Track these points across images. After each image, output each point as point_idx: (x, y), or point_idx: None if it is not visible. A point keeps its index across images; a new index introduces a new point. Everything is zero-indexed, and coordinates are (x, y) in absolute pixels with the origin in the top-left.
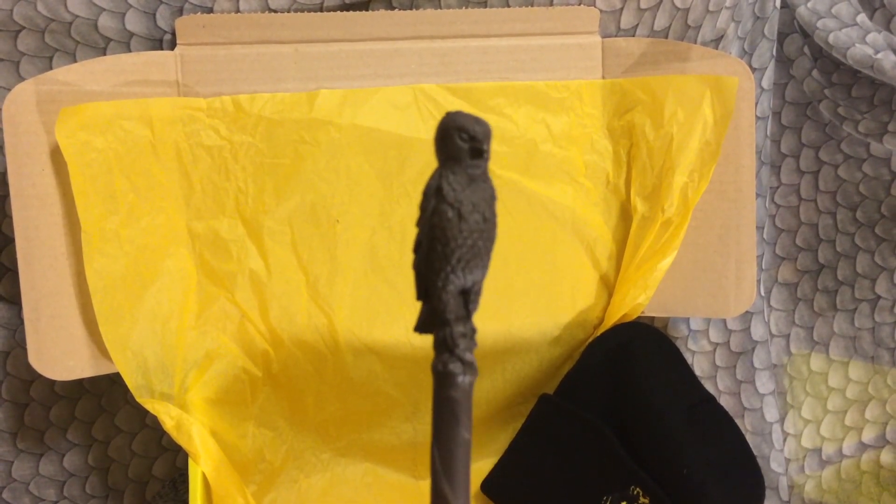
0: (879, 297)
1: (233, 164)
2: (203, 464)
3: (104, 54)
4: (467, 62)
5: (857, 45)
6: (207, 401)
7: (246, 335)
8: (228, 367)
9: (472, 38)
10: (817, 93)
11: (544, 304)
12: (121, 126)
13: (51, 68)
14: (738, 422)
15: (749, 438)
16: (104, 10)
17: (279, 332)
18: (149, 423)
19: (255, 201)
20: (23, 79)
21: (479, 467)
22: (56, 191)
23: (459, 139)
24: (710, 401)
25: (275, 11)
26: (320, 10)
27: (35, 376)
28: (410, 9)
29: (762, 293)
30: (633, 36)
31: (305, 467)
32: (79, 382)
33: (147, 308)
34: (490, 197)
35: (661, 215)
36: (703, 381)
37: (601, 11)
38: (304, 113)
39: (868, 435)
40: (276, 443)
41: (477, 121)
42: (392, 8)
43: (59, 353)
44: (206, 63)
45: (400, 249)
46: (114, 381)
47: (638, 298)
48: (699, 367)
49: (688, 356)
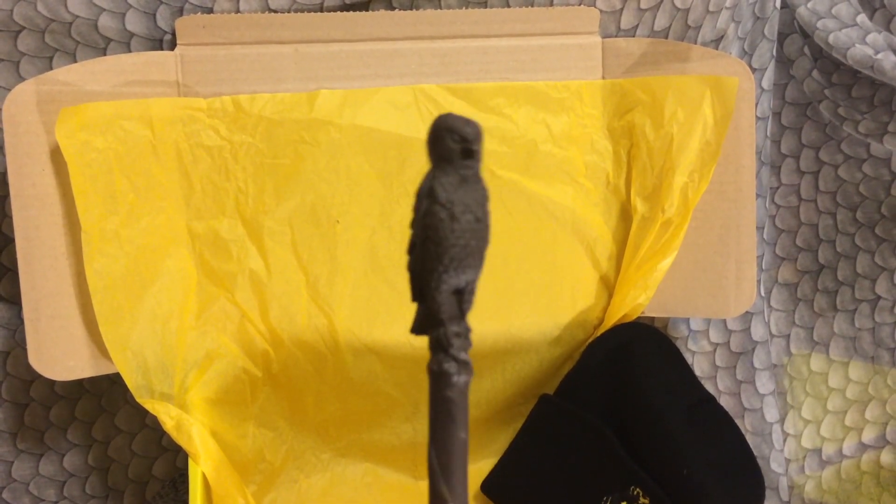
0: (879, 298)
1: (233, 164)
2: (203, 464)
3: (104, 54)
4: (467, 62)
5: (858, 45)
6: (207, 401)
7: (246, 335)
8: (228, 367)
9: (472, 38)
10: (817, 93)
11: (544, 304)
12: (121, 126)
13: (51, 68)
14: (738, 422)
15: (749, 439)
16: (104, 10)
17: (279, 333)
18: (149, 423)
19: (256, 201)
20: (23, 79)
21: (480, 467)
22: (56, 191)
23: (451, 140)
24: (710, 401)
25: (275, 12)
26: (320, 10)
27: (35, 376)
28: (410, 9)
29: (762, 293)
30: (634, 36)
31: (305, 467)
32: (79, 382)
33: (147, 308)
34: (482, 197)
35: (661, 215)
36: (703, 382)
37: (601, 12)
38: (305, 113)
39: (868, 435)
40: (276, 443)
41: (468, 122)
42: (392, 8)
43: (59, 354)
44: (206, 63)
45: (400, 249)
46: (114, 381)
47: (638, 299)
48: (699, 367)
49: (688, 356)
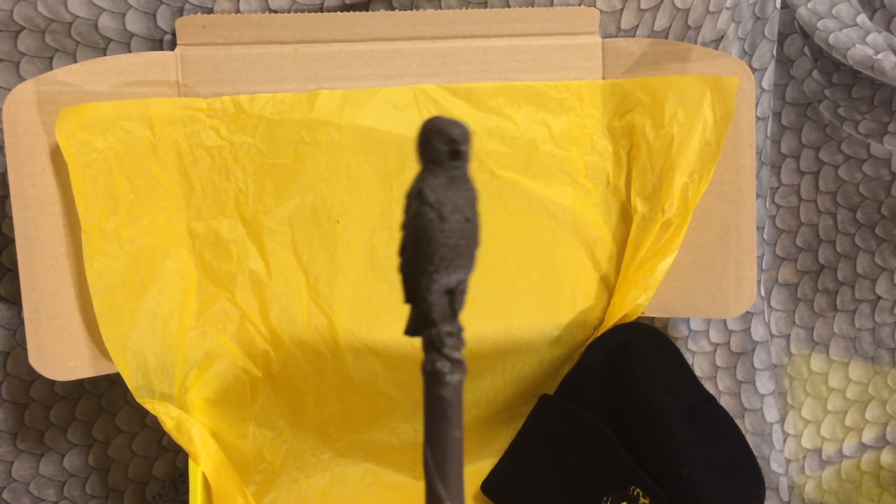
0: (880, 298)
1: (233, 164)
2: (203, 464)
3: (104, 55)
4: (467, 62)
5: (858, 45)
6: (207, 401)
7: (246, 335)
8: (228, 367)
9: (472, 38)
10: (817, 93)
11: (544, 304)
12: (121, 126)
13: (51, 69)
14: (738, 422)
15: (749, 439)
16: (104, 10)
17: (279, 333)
18: (149, 423)
19: (256, 201)
20: (23, 79)
21: (480, 467)
22: (56, 191)
23: (439, 142)
24: (710, 401)
25: (275, 12)
26: (320, 10)
27: (35, 376)
28: (411, 9)
29: (762, 294)
30: (634, 36)
31: (305, 467)
32: (79, 383)
33: (147, 308)
34: (471, 198)
35: (661, 216)
36: (703, 382)
37: (601, 12)
38: (305, 113)
39: (868, 435)
40: (276, 443)
41: (455, 124)
42: (392, 8)
43: (59, 354)
44: (206, 63)
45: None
46: (114, 381)
47: (638, 299)
48: (699, 367)
49: (688, 356)
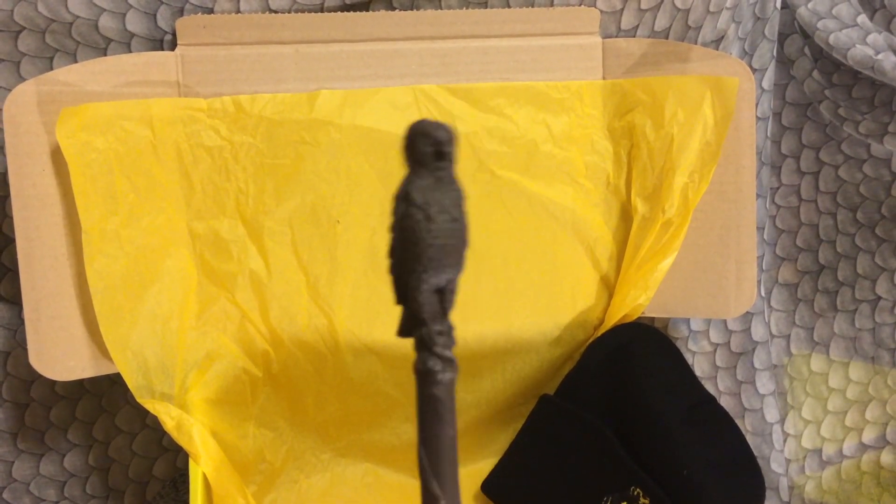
0: (880, 298)
1: (233, 164)
2: (203, 464)
3: (105, 55)
4: (468, 63)
5: (858, 45)
6: (208, 401)
7: (246, 335)
8: (229, 367)
9: (472, 38)
10: (818, 93)
11: (545, 304)
12: (121, 126)
13: (51, 69)
14: (738, 422)
15: (749, 439)
16: (105, 10)
17: (279, 333)
18: (149, 423)
19: (256, 202)
20: (23, 79)
21: (480, 468)
22: (56, 191)
23: (423, 144)
24: (710, 401)
25: (275, 12)
26: (321, 10)
27: (35, 376)
28: (411, 9)
29: (762, 294)
30: (634, 36)
31: (306, 468)
32: (79, 383)
33: (147, 308)
34: (458, 198)
35: (661, 216)
36: (703, 382)
37: (602, 12)
38: (305, 113)
39: (868, 436)
40: (276, 443)
41: (440, 126)
42: (393, 8)
43: (59, 354)
44: (206, 63)
45: None
46: (114, 381)
47: (638, 299)
48: (699, 367)
49: (688, 357)
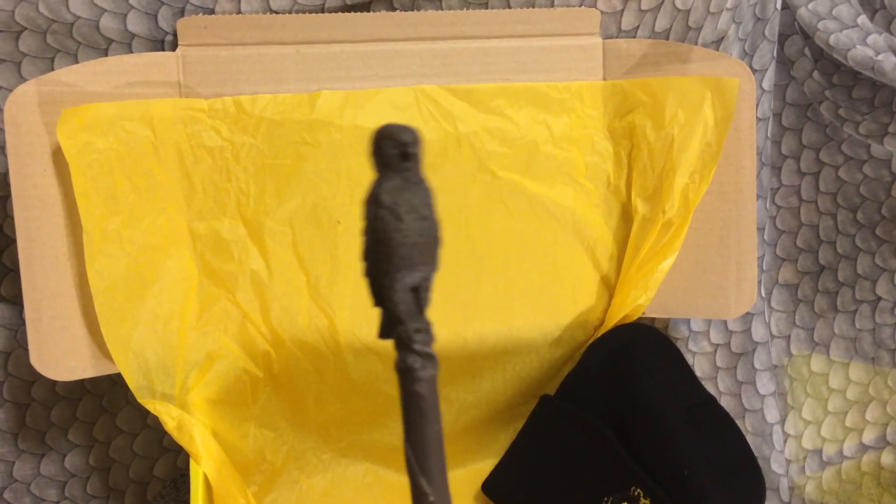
0: (880, 299)
1: (234, 164)
2: (204, 464)
3: (106, 55)
4: (468, 63)
5: (858, 46)
6: (208, 401)
7: (247, 336)
8: (229, 367)
9: (473, 39)
10: (818, 94)
11: (545, 304)
12: (122, 127)
13: (52, 69)
14: (738, 423)
15: (750, 439)
16: (106, 11)
17: (280, 333)
18: (150, 423)
19: (257, 202)
20: (24, 80)
21: (480, 468)
22: (57, 191)
23: (389, 147)
24: (710, 402)
25: (276, 13)
26: (321, 11)
27: (36, 377)
28: (412, 10)
29: (763, 294)
30: (634, 37)
31: (306, 468)
32: (80, 383)
33: (148, 308)
34: (426, 197)
35: (661, 216)
36: (703, 382)
37: (602, 13)
38: (306, 114)
39: (868, 436)
40: (277, 443)
41: (404, 128)
42: (393, 9)
43: (60, 354)
44: (207, 64)
45: None
46: (115, 381)
47: (639, 299)
48: (700, 368)
49: (688, 357)
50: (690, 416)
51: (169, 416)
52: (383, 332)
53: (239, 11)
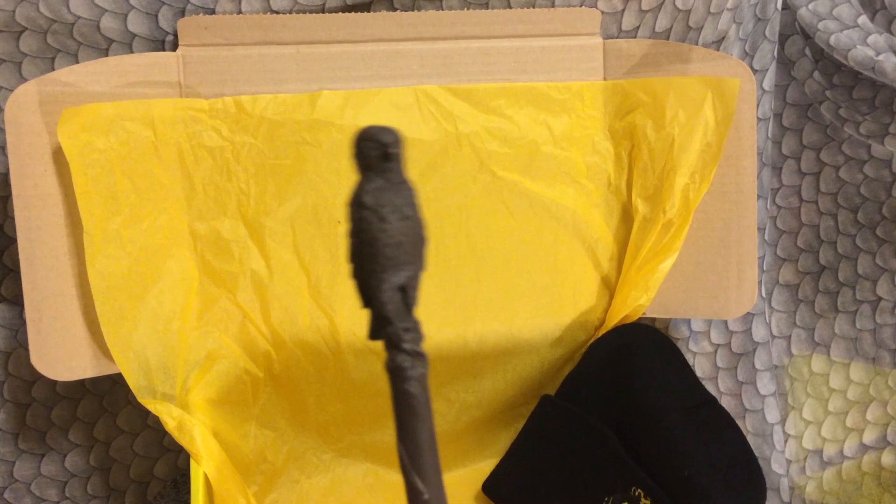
0: (881, 299)
1: (234, 164)
2: (205, 464)
3: (106, 55)
4: (469, 63)
5: (859, 46)
6: (209, 401)
7: (247, 336)
8: (230, 367)
9: (473, 39)
10: (818, 94)
11: (546, 305)
12: (123, 127)
13: (53, 69)
14: (739, 423)
15: (750, 440)
16: (106, 11)
17: (281, 333)
18: (150, 423)
19: (257, 202)
20: (25, 80)
21: (481, 468)
22: (58, 191)
23: (370, 148)
24: (711, 402)
25: (277, 13)
26: (322, 11)
27: (37, 377)
28: (412, 10)
29: (763, 294)
30: (635, 37)
31: (307, 468)
32: (80, 383)
33: (149, 309)
34: (409, 196)
35: (662, 217)
36: (704, 383)
37: (603, 13)
38: (306, 114)
39: (869, 436)
40: (277, 443)
41: (384, 129)
42: (394, 9)
43: (60, 354)
44: (208, 64)
45: None
46: (115, 381)
47: (639, 300)
48: (700, 368)
49: (689, 357)
50: (691, 416)
51: (169, 416)
52: (373, 333)
53: (239, 11)
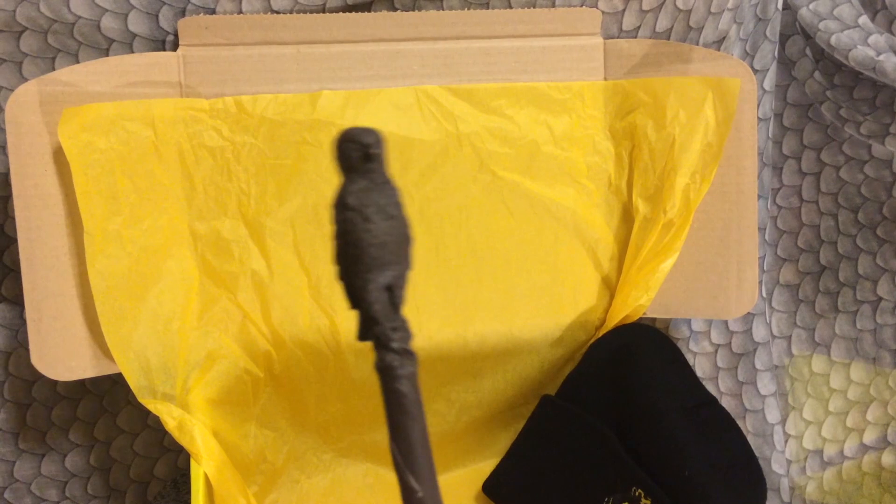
0: (881, 299)
1: (235, 164)
2: (205, 464)
3: (107, 55)
4: (469, 63)
5: (859, 46)
6: (209, 401)
7: (248, 336)
8: (230, 367)
9: (474, 39)
10: (819, 94)
11: (546, 305)
12: (123, 127)
13: (53, 69)
14: (739, 423)
15: (750, 440)
16: (107, 10)
17: (281, 333)
18: (151, 423)
19: (258, 202)
20: (26, 79)
21: (481, 468)
22: (58, 191)
23: (351, 150)
24: (711, 402)
25: (277, 13)
26: (323, 11)
27: (37, 377)
28: (413, 10)
29: (764, 294)
30: (636, 37)
31: (307, 468)
32: (81, 383)
33: (149, 309)
34: (393, 196)
35: (662, 217)
36: (704, 383)
37: (603, 13)
38: (307, 114)
39: (869, 436)
40: (277, 443)
41: (365, 130)
42: (394, 9)
43: (61, 354)
44: (208, 64)
45: None
46: (116, 381)
47: (640, 300)
48: (701, 368)
49: (689, 357)
50: (691, 416)
51: (170, 416)
52: (361, 334)
53: (240, 11)
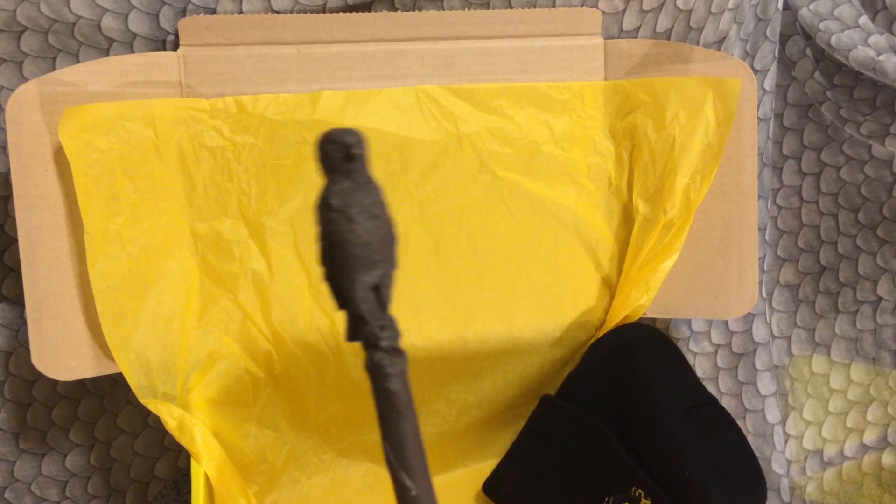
0: (881, 299)
1: (235, 164)
2: (205, 464)
3: (107, 55)
4: (470, 63)
5: (860, 47)
6: (210, 401)
7: (248, 336)
8: (231, 367)
9: (474, 39)
10: (819, 95)
11: (546, 305)
12: (124, 127)
13: (54, 69)
14: (739, 423)
15: (750, 440)
16: (107, 10)
17: (281, 333)
18: (151, 423)
19: (258, 202)
20: (26, 79)
21: (481, 468)
22: (59, 191)
23: (333, 151)
24: (711, 402)
25: (277, 13)
26: (323, 11)
27: (38, 376)
28: (413, 10)
29: (764, 295)
30: (636, 37)
31: (307, 468)
32: (81, 383)
33: (150, 309)
34: (376, 196)
35: (662, 217)
36: (704, 383)
37: (603, 13)
38: (307, 114)
39: (869, 437)
40: (277, 443)
41: (347, 131)
42: (395, 9)
43: (61, 354)
44: (208, 64)
45: (402, 250)
46: (116, 381)
47: (640, 300)
48: (701, 368)
49: (689, 357)
50: (691, 416)
51: (170, 416)
52: (350, 335)
53: (240, 11)
